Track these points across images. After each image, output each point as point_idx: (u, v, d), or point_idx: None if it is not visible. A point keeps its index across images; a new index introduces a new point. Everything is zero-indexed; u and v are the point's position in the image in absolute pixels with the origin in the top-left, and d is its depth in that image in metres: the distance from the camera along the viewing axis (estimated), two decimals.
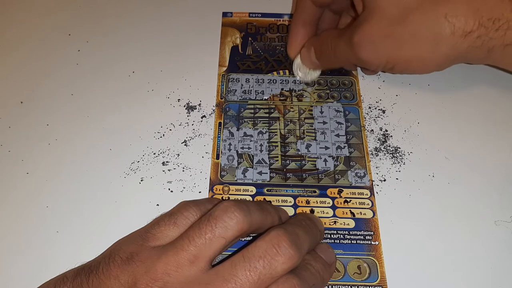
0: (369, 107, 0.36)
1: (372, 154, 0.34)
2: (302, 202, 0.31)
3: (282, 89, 0.37)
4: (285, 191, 0.32)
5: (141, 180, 0.32)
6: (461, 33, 0.29)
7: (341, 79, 0.38)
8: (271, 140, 0.34)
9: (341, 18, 0.38)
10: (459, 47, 0.29)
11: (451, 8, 0.28)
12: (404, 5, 0.29)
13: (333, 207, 0.31)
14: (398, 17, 0.30)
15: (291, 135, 0.35)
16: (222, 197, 0.31)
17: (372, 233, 0.30)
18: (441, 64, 0.31)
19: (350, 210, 0.31)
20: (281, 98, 0.37)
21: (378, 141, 0.34)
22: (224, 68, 0.39)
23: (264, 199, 0.31)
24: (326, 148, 0.34)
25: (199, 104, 0.37)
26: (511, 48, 0.29)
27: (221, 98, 0.37)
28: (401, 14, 0.29)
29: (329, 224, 0.30)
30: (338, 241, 0.30)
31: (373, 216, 0.31)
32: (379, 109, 0.36)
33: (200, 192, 0.32)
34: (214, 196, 0.31)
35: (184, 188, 0.32)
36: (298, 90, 0.37)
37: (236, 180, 0.32)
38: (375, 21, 0.30)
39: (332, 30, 0.35)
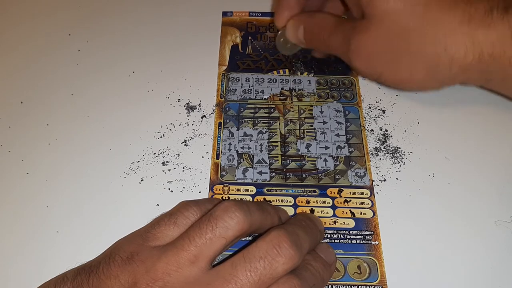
0: (369, 107, 0.36)
1: (372, 154, 0.34)
2: (302, 202, 0.31)
3: (282, 88, 0.37)
4: (285, 191, 0.32)
5: (141, 180, 0.32)
6: (459, 66, 0.28)
7: (341, 78, 0.38)
8: (271, 140, 0.34)
9: (329, 2, 0.37)
10: (454, 77, 0.29)
11: (451, 40, 0.28)
12: (405, 26, 0.29)
13: (333, 207, 0.31)
14: (397, 36, 0.29)
15: (291, 134, 0.35)
16: (222, 197, 0.31)
17: (372, 233, 0.30)
18: (433, 88, 0.31)
19: (350, 210, 0.31)
20: (281, 97, 0.37)
21: (378, 141, 0.34)
22: (224, 67, 0.39)
23: (264, 199, 0.31)
24: (326, 148, 0.34)
25: (199, 104, 0.37)
26: (510, 81, 0.28)
27: (221, 98, 0.37)
28: (401, 33, 0.29)
29: (329, 223, 0.30)
30: (338, 241, 0.30)
31: (373, 216, 0.31)
32: (379, 109, 0.36)
33: (200, 192, 0.32)
34: (214, 196, 0.31)
35: (184, 188, 0.32)
36: (298, 90, 0.37)
37: (236, 180, 0.32)
38: (375, 34, 0.30)
39: (328, 17, 0.33)
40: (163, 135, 0.35)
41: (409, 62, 0.29)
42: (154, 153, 0.34)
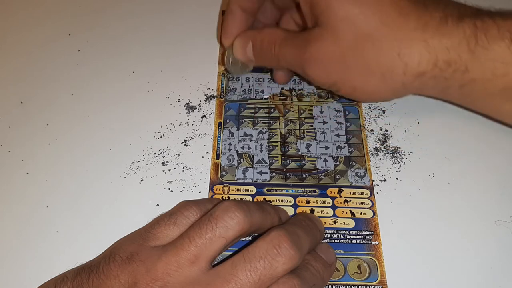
0: (369, 107, 0.36)
1: (372, 154, 0.34)
2: (302, 202, 0.31)
3: (282, 88, 0.37)
4: (285, 190, 0.32)
5: (141, 180, 0.32)
6: (414, 73, 0.28)
7: None
8: (271, 140, 0.34)
9: (283, 16, 0.36)
10: (409, 86, 0.29)
11: (405, 46, 0.27)
12: (359, 32, 0.28)
13: (333, 207, 0.31)
14: (351, 43, 0.28)
15: (291, 134, 0.35)
16: (222, 197, 0.31)
17: (372, 232, 0.30)
18: (388, 98, 0.30)
19: (350, 210, 0.31)
20: (281, 97, 0.37)
21: (378, 141, 0.34)
22: (224, 67, 0.39)
23: (264, 199, 0.31)
24: (326, 148, 0.34)
25: (199, 104, 0.37)
26: (468, 88, 0.28)
27: (221, 98, 0.37)
28: (354, 41, 0.28)
29: (329, 223, 0.30)
30: (338, 241, 0.30)
31: (373, 216, 0.31)
32: (379, 109, 0.36)
33: (200, 192, 0.32)
34: (214, 196, 0.31)
35: (184, 188, 0.32)
36: (298, 90, 0.37)
37: (236, 180, 0.32)
38: (328, 42, 0.29)
39: (277, 30, 0.32)
40: (163, 135, 0.35)
41: (363, 69, 0.29)
42: (154, 153, 0.34)
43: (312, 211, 0.31)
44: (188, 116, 0.36)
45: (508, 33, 0.26)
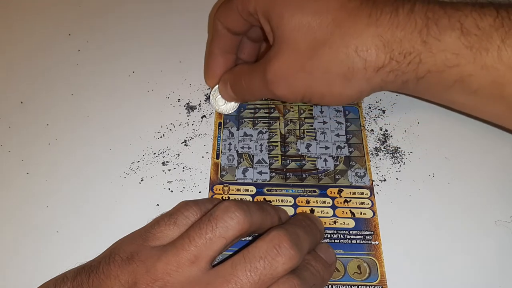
0: (369, 107, 0.36)
1: (372, 154, 0.34)
2: (302, 202, 0.31)
3: None
4: (285, 190, 0.32)
5: (141, 180, 0.32)
6: (373, 68, 0.28)
7: None
8: (271, 140, 0.34)
9: (262, 47, 0.36)
10: (371, 82, 0.28)
11: (361, 42, 0.27)
12: (313, 39, 0.28)
13: (333, 207, 0.31)
14: (308, 52, 0.28)
15: (291, 134, 0.35)
16: (222, 197, 0.31)
17: (372, 233, 0.30)
18: (355, 98, 0.30)
19: (350, 210, 0.31)
20: None
21: (378, 141, 0.34)
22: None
23: (264, 199, 0.31)
24: (326, 147, 0.34)
25: (199, 104, 0.37)
26: (425, 81, 0.28)
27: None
28: (311, 48, 0.28)
29: (329, 223, 0.30)
30: (338, 241, 0.30)
31: (373, 216, 0.31)
32: (379, 109, 0.36)
33: (200, 192, 0.32)
34: (214, 196, 0.31)
35: (184, 188, 0.32)
36: None
37: (236, 180, 0.32)
38: (286, 56, 0.29)
39: (244, 66, 0.33)
40: (163, 135, 0.35)
41: (325, 74, 0.29)
42: (154, 153, 0.34)
43: (312, 211, 0.31)
44: (188, 116, 0.36)
45: (458, 24, 0.26)
